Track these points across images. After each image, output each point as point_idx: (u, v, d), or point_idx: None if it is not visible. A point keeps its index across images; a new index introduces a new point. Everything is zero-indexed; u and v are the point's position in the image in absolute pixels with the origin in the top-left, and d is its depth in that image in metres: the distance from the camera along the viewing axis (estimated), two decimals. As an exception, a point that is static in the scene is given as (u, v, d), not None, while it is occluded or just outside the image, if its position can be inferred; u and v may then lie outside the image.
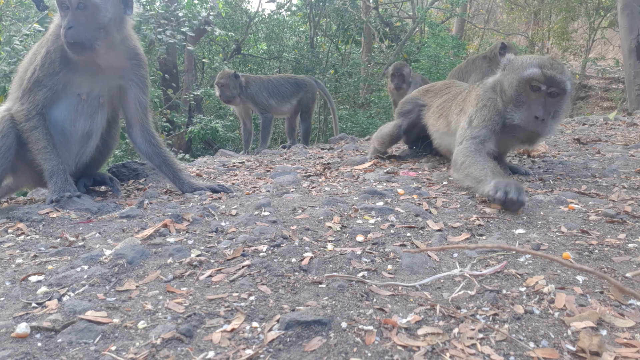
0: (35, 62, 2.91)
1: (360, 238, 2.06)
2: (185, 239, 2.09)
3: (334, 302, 1.48)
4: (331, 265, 1.77)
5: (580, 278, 1.64)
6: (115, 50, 2.99)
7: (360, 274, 1.69)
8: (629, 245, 1.94)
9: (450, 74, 7.34)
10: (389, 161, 4.17)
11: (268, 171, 4.02)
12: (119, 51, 3.03)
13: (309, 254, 1.86)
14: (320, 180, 3.46)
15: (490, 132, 3.05)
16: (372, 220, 2.29)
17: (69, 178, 2.91)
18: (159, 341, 1.29)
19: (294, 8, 15.73)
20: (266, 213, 2.41)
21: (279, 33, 15.65)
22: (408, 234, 2.12)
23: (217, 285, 1.64)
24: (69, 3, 2.77)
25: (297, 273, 1.72)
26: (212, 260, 1.85)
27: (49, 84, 2.88)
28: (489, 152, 3.06)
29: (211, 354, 1.24)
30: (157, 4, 9.49)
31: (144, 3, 8.63)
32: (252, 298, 1.53)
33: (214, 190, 3.10)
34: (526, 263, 1.77)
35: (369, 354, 1.23)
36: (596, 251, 1.88)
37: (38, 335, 1.34)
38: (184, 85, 12.22)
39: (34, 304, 1.53)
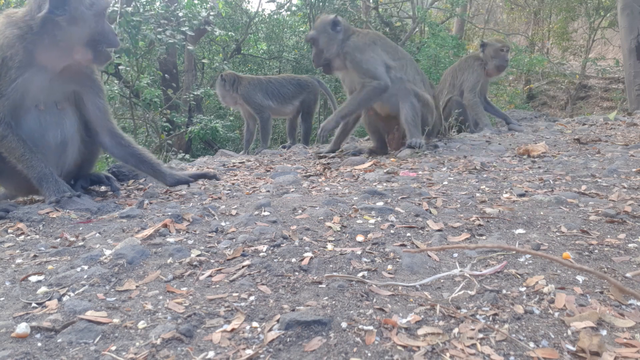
0: None
1: (360, 238, 2.06)
2: (185, 239, 2.09)
3: (334, 302, 1.48)
4: (331, 265, 1.77)
5: (580, 278, 1.64)
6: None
7: (360, 274, 1.69)
8: (629, 245, 1.94)
9: (444, 74, 7.33)
10: (389, 161, 4.17)
11: (268, 171, 4.02)
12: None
13: (309, 254, 1.86)
14: (320, 180, 3.46)
15: None
16: (372, 220, 2.29)
17: (59, 179, 2.81)
18: (159, 341, 1.29)
19: (294, 8, 15.71)
20: (266, 213, 2.41)
21: (279, 33, 15.61)
22: (408, 234, 2.12)
23: (217, 285, 1.64)
24: None
25: (297, 273, 1.72)
26: (212, 260, 1.85)
27: (7, 92, 2.72)
28: None
29: (211, 354, 1.24)
30: (157, 4, 9.48)
31: (144, 3, 8.63)
32: (252, 298, 1.53)
33: (198, 177, 3.07)
34: (526, 263, 1.77)
35: (369, 354, 1.23)
36: (596, 251, 1.88)
37: (38, 335, 1.34)
38: (184, 85, 12.20)
39: (34, 304, 1.52)
